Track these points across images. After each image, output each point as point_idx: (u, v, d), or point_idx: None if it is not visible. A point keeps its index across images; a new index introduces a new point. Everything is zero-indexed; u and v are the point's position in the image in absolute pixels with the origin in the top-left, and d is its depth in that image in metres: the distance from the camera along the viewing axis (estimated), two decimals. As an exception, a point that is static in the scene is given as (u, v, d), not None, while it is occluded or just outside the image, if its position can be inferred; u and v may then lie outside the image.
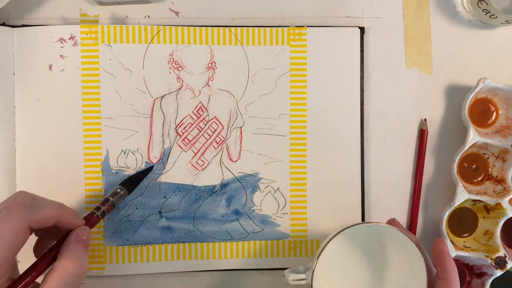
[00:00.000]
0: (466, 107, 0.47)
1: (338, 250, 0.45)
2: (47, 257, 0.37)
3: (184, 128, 0.48)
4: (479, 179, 0.50)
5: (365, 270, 0.46)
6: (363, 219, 0.49)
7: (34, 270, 0.36)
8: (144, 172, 0.47)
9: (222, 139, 0.48)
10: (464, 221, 0.50)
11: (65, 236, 0.38)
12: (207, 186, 0.48)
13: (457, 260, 0.49)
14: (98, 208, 0.42)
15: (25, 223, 0.34)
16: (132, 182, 0.46)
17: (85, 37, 0.47)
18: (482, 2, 0.47)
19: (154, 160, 0.48)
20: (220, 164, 0.48)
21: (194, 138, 0.48)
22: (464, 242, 0.50)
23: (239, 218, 0.48)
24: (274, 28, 0.48)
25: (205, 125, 0.48)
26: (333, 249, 0.44)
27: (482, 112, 0.50)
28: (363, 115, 0.49)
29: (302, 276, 0.42)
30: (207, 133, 0.48)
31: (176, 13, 0.49)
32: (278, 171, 0.49)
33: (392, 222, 0.44)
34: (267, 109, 0.48)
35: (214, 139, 0.48)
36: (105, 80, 0.47)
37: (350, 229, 0.40)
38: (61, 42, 0.47)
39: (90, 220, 0.41)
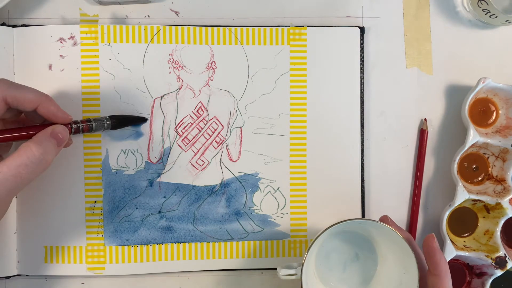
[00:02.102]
0: (466, 107, 0.47)
1: (332, 247, 0.45)
2: (22, 131, 0.39)
3: (184, 128, 0.48)
4: (479, 179, 0.50)
5: (359, 267, 0.46)
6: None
7: (5, 133, 0.39)
8: (137, 119, 0.47)
9: (222, 139, 0.48)
10: (464, 221, 0.50)
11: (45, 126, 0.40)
12: (207, 186, 0.48)
13: (457, 260, 0.49)
14: (76, 122, 0.42)
15: (1, 94, 0.37)
16: (120, 121, 0.46)
17: (85, 37, 0.47)
18: (482, 2, 0.47)
19: (154, 160, 0.48)
20: (220, 164, 0.48)
21: (194, 138, 0.48)
22: (464, 242, 0.50)
23: (239, 218, 0.48)
24: (274, 28, 0.48)
25: (205, 125, 0.48)
26: (326, 245, 0.44)
27: (482, 112, 0.50)
28: (363, 115, 0.49)
29: (292, 271, 0.42)
30: (207, 133, 0.48)
31: (176, 13, 0.49)
32: (278, 171, 0.49)
33: (384, 219, 0.44)
34: (267, 109, 0.48)
35: (214, 139, 0.48)
36: (105, 80, 0.47)
37: (340, 224, 0.40)
38: (61, 42, 0.47)
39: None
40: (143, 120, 0.47)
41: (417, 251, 0.41)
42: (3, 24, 0.47)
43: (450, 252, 0.47)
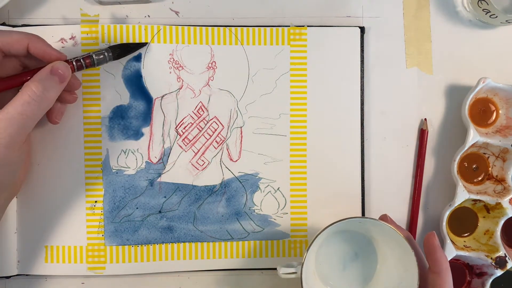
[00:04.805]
0: (466, 106, 0.47)
1: (331, 246, 0.45)
2: (23, 76, 0.41)
3: (184, 128, 0.48)
4: (479, 178, 0.50)
5: (359, 266, 0.46)
6: (363, 219, 0.49)
7: (5, 81, 0.40)
8: (138, 44, 0.47)
9: (222, 139, 0.48)
10: (464, 221, 0.50)
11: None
12: (207, 186, 0.48)
13: (457, 260, 0.49)
14: (77, 60, 0.43)
15: None
16: (121, 50, 0.46)
17: (85, 37, 0.47)
18: (482, 1, 0.47)
19: (155, 160, 0.48)
20: (220, 164, 0.48)
21: (194, 138, 0.48)
22: (464, 242, 0.50)
23: (239, 218, 0.48)
24: (274, 28, 0.48)
25: (205, 125, 0.48)
26: (326, 245, 0.44)
27: (482, 111, 0.50)
28: (363, 115, 0.49)
29: (292, 270, 0.42)
30: (207, 133, 0.48)
31: (176, 12, 0.49)
32: (278, 171, 0.49)
33: (383, 218, 0.44)
34: (267, 109, 0.48)
35: (214, 139, 0.48)
36: (105, 80, 0.47)
37: (340, 223, 0.41)
38: (62, 42, 0.47)
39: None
40: (143, 44, 0.47)
41: (416, 249, 0.41)
42: (3, 24, 0.47)
43: (450, 252, 0.47)
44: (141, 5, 0.48)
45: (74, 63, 0.42)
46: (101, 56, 0.44)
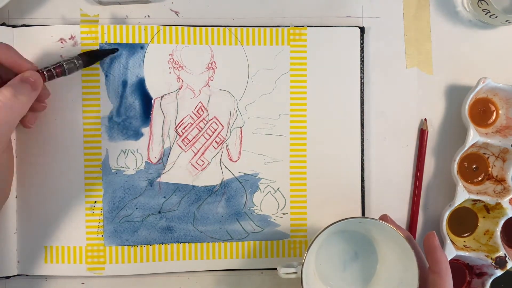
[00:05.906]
0: (466, 107, 0.47)
1: (332, 246, 0.45)
2: None
3: (184, 128, 0.48)
4: (479, 179, 0.50)
5: (359, 266, 0.46)
6: (363, 219, 0.49)
7: None
8: (107, 51, 0.47)
9: (222, 139, 0.48)
10: (464, 221, 0.50)
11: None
12: (207, 186, 0.48)
13: (457, 260, 0.49)
14: (48, 70, 0.43)
15: None
16: (91, 56, 0.46)
17: (85, 37, 0.47)
18: (482, 2, 0.47)
19: (154, 160, 0.48)
20: (220, 164, 0.48)
21: (194, 138, 0.48)
22: (464, 242, 0.50)
23: (239, 218, 0.48)
24: (274, 28, 0.48)
25: (205, 125, 0.48)
26: (326, 245, 0.44)
27: (482, 112, 0.50)
28: (363, 115, 0.49)
29: (293, 270, 0.42)
30: (207, 133, 0.48)
31: (176, 13, 0.49)
32: (278, 171, 0.49)
33: (383, 218, 0.44)
34: (267, 109, 0.48)
35: (214, 139, 0.48)
36: (105, 80, 0.47)
37: (340, 223, 0.41)
38: (61, 42, 0.47)
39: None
40: (113, 51, 0.47)
41: (417, 249, 0.41)
42: (3, 24, 0.47)
43: (450, 252, 0.47)
44: (141, 5, 0.48)
45: (45, 73, 0.42)
46: (72, 65, 0.44)
